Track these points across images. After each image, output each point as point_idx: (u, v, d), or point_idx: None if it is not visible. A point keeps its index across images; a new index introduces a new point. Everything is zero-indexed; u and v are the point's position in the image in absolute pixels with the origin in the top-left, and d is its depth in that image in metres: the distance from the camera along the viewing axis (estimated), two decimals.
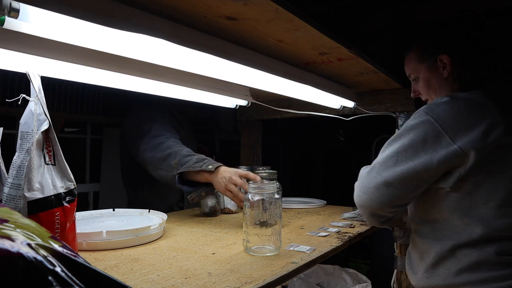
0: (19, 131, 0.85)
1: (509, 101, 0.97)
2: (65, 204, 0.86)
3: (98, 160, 2.81)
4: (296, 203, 1.93)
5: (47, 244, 0.39)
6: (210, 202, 1.62)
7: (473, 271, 0.93)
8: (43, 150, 0.84)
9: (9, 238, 0.37)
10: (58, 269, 0.36)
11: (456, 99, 0.96)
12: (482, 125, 0.90)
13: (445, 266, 0.97)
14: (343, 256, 2.87)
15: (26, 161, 0.81)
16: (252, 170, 1.82)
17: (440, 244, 0.99)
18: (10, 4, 0.60)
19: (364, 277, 1.93)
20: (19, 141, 0.85)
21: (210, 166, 1.40)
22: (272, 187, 1.06)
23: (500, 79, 1.05)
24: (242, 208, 1.22)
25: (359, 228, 1.39)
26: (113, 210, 1.43)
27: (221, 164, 1.43)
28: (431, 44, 1.10)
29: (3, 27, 0.68)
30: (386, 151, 1.01)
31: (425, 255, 1.04)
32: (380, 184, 0.99)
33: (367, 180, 1.03)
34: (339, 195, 3.14)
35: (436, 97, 1.08)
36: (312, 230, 1.34)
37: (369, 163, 1.10)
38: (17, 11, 0.61)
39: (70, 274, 0.36)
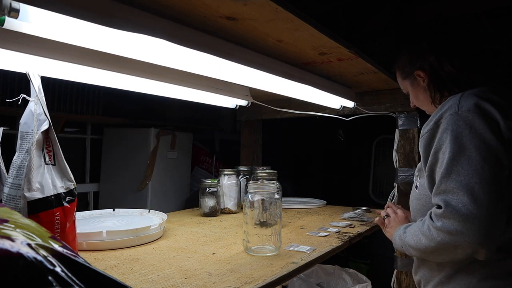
0: (19, 131, 0.85)
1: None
2: (65, 204, 0.86)
3: (98, 160, 2.81)
4: (296, 203, 1.93)
5: (47, 244, 0.39)
6: (210, 202, 1.62)
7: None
8: (43, 150, 0.84)
9: (9, 238, 0.37)
10: (58, 269, 0.36)
11: (467, 93, 0.95)
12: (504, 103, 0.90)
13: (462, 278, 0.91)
14: (343, 256, 2.87)
15: (26, 161, 0.81)
16: (252, 170, 1.83)
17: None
18: (10, 4, 0.60)
19: (364, 277, 1.93)
20: (19, 141, 0.85)
21: None
22: (272, 187, 1.06)
23: (495, 79, 1.04)
24: (242, 208, 1.22)
25: (359, 228, 1.39)
26: (113, 210, 1.43)
27: None
28: (406, 62, 1.13)
29: (3, 27, 0.68)
30: (465, 167, 0.83)
31: (440, 266, 0.97)
32: (499, 203, 0.80)
33: (484, 208, 0.78)
34: (339, 195, 3.13)
35: (432, 105, 1.08)
36: (312, 230, 1.34)
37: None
38: (17, 11, 0.61)
39: (70, 274, 0.36)
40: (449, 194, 0.83)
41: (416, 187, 1.05)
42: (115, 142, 2.77)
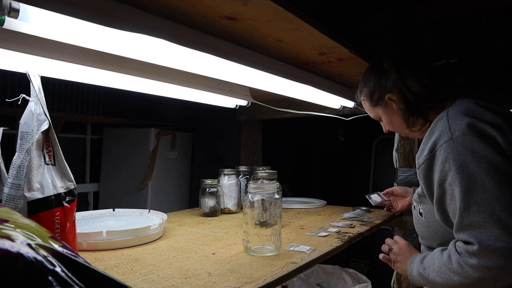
0: (19, 131, 0.85)
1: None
2: (65, 204, 0.86)
3: (98, 160, 2.81)
4: (296, 203, 1.93)
5: (47, 244, 0.39)
6: (210, 202, 1.62)
7: None
8: (43, 150, 0.84)
9: (9, 238, 0.37)
10: (58, 269, 0.36)
11: (452, 112, 0.91)
12: (494, 115, 0.87)
13: None
14: (343, 256, 2.87)
15: (26, 161, 0.81)
16: (252, 170, 1.83)
17: None
18: (10, 4, 0.60)
19: (364, 277, 1.93)
20: (19, 141, 0.85)
21: None
22: (272, 187, 1.06)
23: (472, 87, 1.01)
24: (242, 208, 1.22)
25: (359, 228, 1.39)
26: (113, 210, 1.43)
27: None
28: (375, 88, 1.06)
29: (3, 27, 0.68)
30: (482, 197, 0.79)
31: None
32: None
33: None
34: (339, 195, 3.13)
35: (409, 129, 1.04)
36: (312, 230, 1.34)
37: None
38: (17, 11, 0.61)
39: (70, 274, 0.36)
40: (476, 229, 0.78)
41: (421, 214, 1.01)
42: (115, 142, 2.77)
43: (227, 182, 1.70)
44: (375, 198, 1.54)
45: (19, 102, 0.82)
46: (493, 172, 0.79)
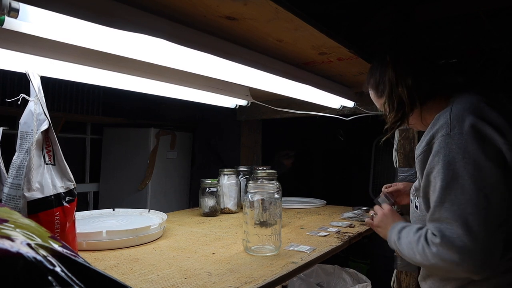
0: (19, 131, 0.85)
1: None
2: (65, 204, 0.86)
3: (98, 160, 2.81)
4: (296, 203, 1.92)
5: (47, 244, 0.39)
6: (210, 202, 1.62)
7: None
8: (42, 150, 0.84)
9: (8, 238, 0.37)
10: (58, 269, 0.36)
11: (457, 108, 0.91)
12: (500, 116, 0.86)
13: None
14: (343, 256, 2.87)
15: (25, 161, 0.81)
16: (252, 170, 1.83)
17: None
18: (10, 3, 0.60)
19: (364, 277, 1.93)
20: (18, 141, 0.85)
21: None
22: (272, 187, 1.06)
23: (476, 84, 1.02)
24: (242, 208, 1.22)
25: (359, 228, 1.39)
26: (113, 210, 1.43)
27: None
28: (380, 80, 1.07)
29: (3, 27, 0.68)
30: (458, 197, 0.82)
31: (449, 278, 0.93)
32: (496, 233, 0.80)
33: (479, 240, 0.79)
34: (339, 195, 3.13)
35: (412, 120, 1.05)
36: (312, 230, 1.34)
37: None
38: (16, 11, 0.61)
39: (70, 274, 0.36)
40: (443, 223, 0.83)
41: (417, 207, 1.03)
42: (115, 142, 2.77)
43: (227, 182, 1.70)
44: (382, 201, 1.55)
45: (19, 102, 0.82)
46: (477, 177, 0.81)
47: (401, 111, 1.01)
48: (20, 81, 2.13)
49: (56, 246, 0.40)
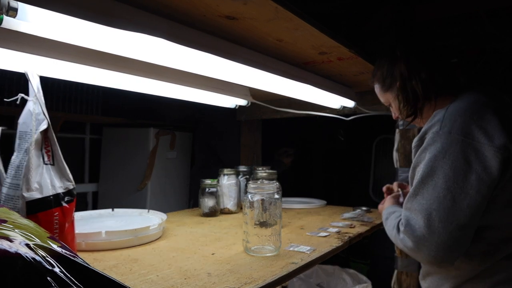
0: (18, 130, 0.85)
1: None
2: (64, 204, 0.86)
3: (97, 160, 2.81)
4: (296, 203, 1.92)
5: (45, 245, 0.39)
6: (210, 202, 1.61)
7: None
8: (41, 150, 0.84)
9: (7, 238, 0.36)
10: (57, 269, 0.36)
11: (454, 107, 0.92)
12: (495, 118, 0.87)
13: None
14: (343, 256, 2.87)
15: (24, 161, 0.81)
16: (252, 170, 1.82)
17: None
18: (8, 3, 0.60)
19: (364, 278, 1.93)
20: (17, 140, 0.85)
21: None
22: (272, 187, 1.05)
23: (479, 83, 1.03)
24: (242, 208, 1.21)
25: (359, 228, 1.39)
26: (112, 210, 1.42)
27: None
28: (387, 72, 1.08)
29: (1, 26, 0.68)
30: (429, 192, 0.87)
31: (448, 275, 0.96)
32: (454, 232, 0.84)
33: (436, 234, 0.84)
34: (339, 195, 3.13)
35: (419, 118, 1.06)
36: (312, 230, 1.34)
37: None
38: (15, 10, 0.61)
39: (69, 275, 0.36)
40: (412, 213, 0.90)
41: None
42: (114, 142, 2.76)
43: (227, 182, 1.70)
44: (402, 180, 1.56)
45: (18, 102, 0.82)
46: (450, 178, 0.85)
47: (415, 104, 1.03)
48: (18, 81, 2.12)
49: (55, 246, 0.40)
